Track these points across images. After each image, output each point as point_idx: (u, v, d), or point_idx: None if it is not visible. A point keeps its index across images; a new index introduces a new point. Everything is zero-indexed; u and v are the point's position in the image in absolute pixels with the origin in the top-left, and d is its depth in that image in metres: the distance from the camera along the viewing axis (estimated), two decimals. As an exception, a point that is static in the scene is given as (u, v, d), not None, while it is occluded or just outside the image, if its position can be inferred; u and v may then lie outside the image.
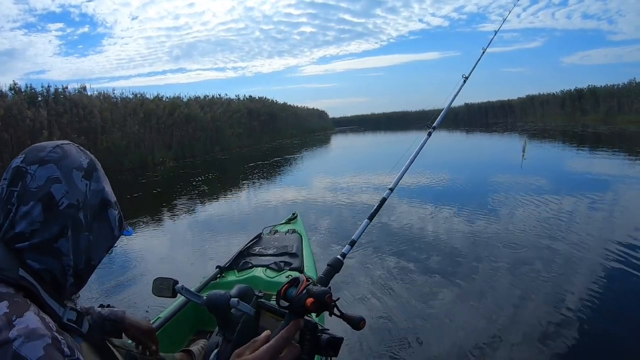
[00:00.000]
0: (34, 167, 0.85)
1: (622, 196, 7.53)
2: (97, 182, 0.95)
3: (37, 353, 0.67)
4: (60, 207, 0.85)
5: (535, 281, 4.00)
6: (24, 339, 0.67)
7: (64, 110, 18.21)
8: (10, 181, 0.85)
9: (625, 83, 34.34)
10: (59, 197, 0.85)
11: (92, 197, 0.92)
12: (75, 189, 0.88)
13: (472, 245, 5.17)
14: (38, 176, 0.84)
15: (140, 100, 24.63)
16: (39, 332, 0.70)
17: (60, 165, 0.87)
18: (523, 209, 6.79)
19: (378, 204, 1.56)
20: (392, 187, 1.66)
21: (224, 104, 32.51)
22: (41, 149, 0.88)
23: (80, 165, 0.91)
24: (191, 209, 9.20)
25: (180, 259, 5.48)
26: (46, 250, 0.84)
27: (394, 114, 78.76)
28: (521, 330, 3.13)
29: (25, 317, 0.71)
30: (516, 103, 54.02)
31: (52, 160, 0.86)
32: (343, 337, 0.96)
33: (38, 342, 0.68)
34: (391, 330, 3.23)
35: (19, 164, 0.86)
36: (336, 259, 1.25)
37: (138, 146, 21.25)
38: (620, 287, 3.77)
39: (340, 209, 7.92)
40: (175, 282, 1.69)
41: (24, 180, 0.84)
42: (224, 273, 2.54)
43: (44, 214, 0.83)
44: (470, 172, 11.31)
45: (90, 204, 0.92)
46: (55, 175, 0.86)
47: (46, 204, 0.84)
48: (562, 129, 28.24)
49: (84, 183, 0.90)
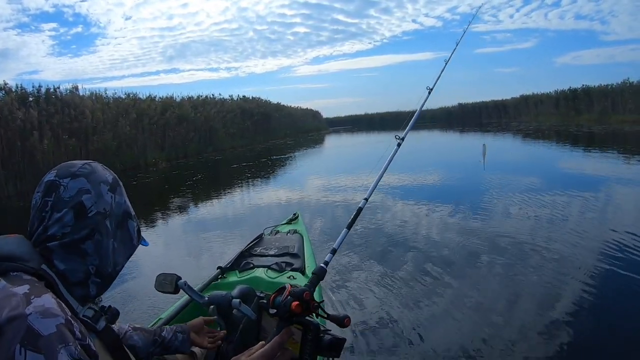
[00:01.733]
0: (67, 180, 0.96)
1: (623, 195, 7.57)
2: (121, 195, 1.06)
3: (49, 329, 0.73)
4: (90, 214, 0.96)
5: (530, 279, 4.00)
6: (38, 315, 0.73)
7: (55, 110, 17.92)
8: (44, 192, 0.95)
9: (619, 83, 34.64)
10: (88, 205, 0.96)
11: (116, 208, 1.03)
12: (103, 200, 0.99)
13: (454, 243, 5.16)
14: (70, 187, 0.95)
15: (133, 100, 24.42)
16: (53, 311, 0.76)
17: (89, 179, 0.98)
18: (512, 208, 6.81)
19: (355, 213, 1.61)
20: (367, 197, 1.71)
21: (217, 104, 32.38)
22: (72, 165, 1.00)
23: (107, 180, 1.03)
24: (183, 210, 9.13)
25: (175, 263, 5.34)
26: (73, 249, 0.93)
27: (388, 114, 78.70)
28: (515, 328, 3.12)
29: (43, 298, 0.77)
30: (510, 103, 54.16)
31: (83, 174, 0.98)
32: (345, 338, 1.00)
33: (51, 320, 0.74)
34: (381, 329, 3.22)
35: (52, 178, 0.96)
36: (320, 267, 1.31)
37: (130, 147, 21.10)
38: (614, 286, 3.77)
39: (334, 208, 7.91)
40: (179, 278, 1.71)
41: (57, 191, 0.95)
42: (225, 274, 2.53)
43: (75, 219, 0.94)
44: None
45: (115, 214, 1.03)
46: (86, 187, 0.97)
47: (77, 211, 0.94)
48: (557, 129, 28.45)
49: (109, 195, 1.02)
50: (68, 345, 0.74)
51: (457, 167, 11.75)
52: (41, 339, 0.72)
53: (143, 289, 4.11)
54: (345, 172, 12.92)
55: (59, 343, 0.73)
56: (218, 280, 2.47)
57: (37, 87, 18.68)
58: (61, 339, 0.74)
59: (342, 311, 3.00)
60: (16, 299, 0.75)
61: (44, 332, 0.72)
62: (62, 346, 0.73)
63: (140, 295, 4.05)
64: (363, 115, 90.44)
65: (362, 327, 3.27)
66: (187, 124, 26.13)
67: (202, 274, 3.52)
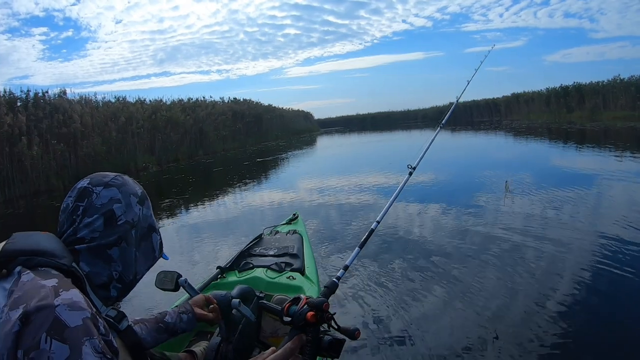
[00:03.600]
0: (99, 188, 1.01)
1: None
2: (148, 209, 1.11)
3: (75, 321, 0.74)
4: (119, 222, 1.01)
5: (526, 277, 4.00)
6: (66, 307, 0.75)
7: (44, 115, 17.73)
8: (77, 197, 1.00)
9: (610, 80, 34.96)
10: (118, 214, 1.01)
11: (142, 220, 1.08)
12: (132, 211, 1.04)
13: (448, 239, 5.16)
14: (102, 196, 1.00)
15: (121, 104, 24.20)
16: (80, 305, 0.77)
17: (121, 190, 1.04)
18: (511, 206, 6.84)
19: (367, 233, 1.68)
20: (379, 220, 1.77)
21: (208, 106, 32.22)
22: (104, 176, 1.05)
23: (136, 193, 1.08)
24: (174, 214, 9.04)
25: (169, 265, 5.21)
26: (100, 254, 0.98)
27: (379, 114, 79.25)
28: (511, 328, 3.12)
29: (71, 292, 0.79)
30: (501, 101, 54.44)
31: (115, 185, 1.03)
32: (345, 339, 1.03)
33: (78, 313, 0.76)
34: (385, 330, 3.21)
35: (85, 185, 1.01)
36: (332, 282, 1.34)
37: (120, 151, 20.90)
38: (608, 285, 3.73)
39: (328, 209, 7.86)
40: (179, 275, 1.72)
41: (89, 197, 0.99)
42: (224, 273, 2.52)
43: (105, 225, 0.99)
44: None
45: (141, 226, 1.08)
46: (117, 197, 1.02)
47: (108, 218, 0.99)
48: (549, 127, 28.67)
49: (138, 207, 1.07)
50: (93, 339, 0.75)
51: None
52: (67, 330, 0.73)
53: (143, 286, 4.02)
54: (338, 173, 12.90)
55: (84, 335, 0.74)
56: (218, 280, 2.46)
57: (25, 92, 18.46)
58: (86, 332, 0.75)
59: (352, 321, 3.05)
60: (45, 290, 0.76)
61: (70, 323, 0.73)
62: (87, 339, 0.74)
63: (140, 293, 3.91)
64: (355, 116, 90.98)
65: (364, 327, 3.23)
66: (177, 127, 25.94)
67: (196, 278, 3.48)
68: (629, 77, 33.38)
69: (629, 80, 33.12)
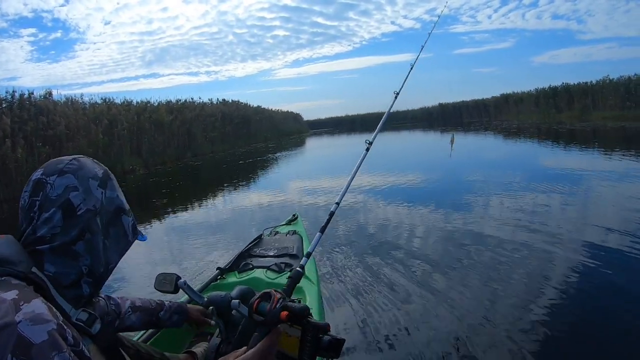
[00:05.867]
0: (53, 177, 0.91)
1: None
2: (112, 190, 1.01)
3: (41, 337, 0.69)
4: (79, 212, 0.91)
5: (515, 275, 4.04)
6: (29, 322, 0.69)
7: (29, 117, 17.36)
8: (31, 192, 0.91)
9: (599, 80, 35.32)
10: (77, 203, 0.91)
11: (107, 204, 0.99)
12: (92, 196, 0.95)
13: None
14: (57, 185, 0.91)
15: (108, 105, 23.87)
16: (44, 317, 0.72)
17: (77, 175, 0.94)
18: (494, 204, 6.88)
19: (327, 217, 1.67)
20: (338, 202, 1.76)
21: (196, 108, 31.94)
22: (59, 162, 0.95)
23: (96, 175, 0.98)
24: (165, 217, 8.88)
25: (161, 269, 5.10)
26: (65, 252, 0.89)
27: (369, 115, 78.92)
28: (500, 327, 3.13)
29: (32, 303, 0.73)
30: (491, 102, 54.64)
31: (70, 170, 0.93)
32: (344, 339, 0.98)
33: (42, 327, 0.70)
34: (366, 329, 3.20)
35: (39, 176, 0.92)
36: (296, 271, 1.36)
37: (106, 153, 20.60)
38: (598, 281, 3.76)
39: (317, 210, 7.74)
40: (178, 277, 1.70)
41: (44, 190, 0.90)
42: (224, 274, 2.53)
43: (64, 219, 0.90)
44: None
45: (106, 210, 0.98)
46: (73, 184, 0.92)
47: (66, 210, 0.90)
48: (539, 127, 28.96)
49: (99, 191, 0.97)
50: (62, 352, 0.70)
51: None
52: (33, 348, 0.68)
53: (142, 289, 4.09)
54: (325, 174, 12.93)
55: (51, 351, 0.69)
56: (217, 280, 2.47)
57: (10, 93, 18.07)
58: (54, 346, 0.70)
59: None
60: (5, 306, 0.71)
61: (35, 340, 0.68)
62: (55, 353, 0.70)
63: (140, 295, 3.86)
64: (344, 117, 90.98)
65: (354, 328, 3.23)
66: (162, 128, 25.62)
67: (196, 279, 3.62)
68: (618, 77, 33.86)
69: (618, 80, 33.56)
